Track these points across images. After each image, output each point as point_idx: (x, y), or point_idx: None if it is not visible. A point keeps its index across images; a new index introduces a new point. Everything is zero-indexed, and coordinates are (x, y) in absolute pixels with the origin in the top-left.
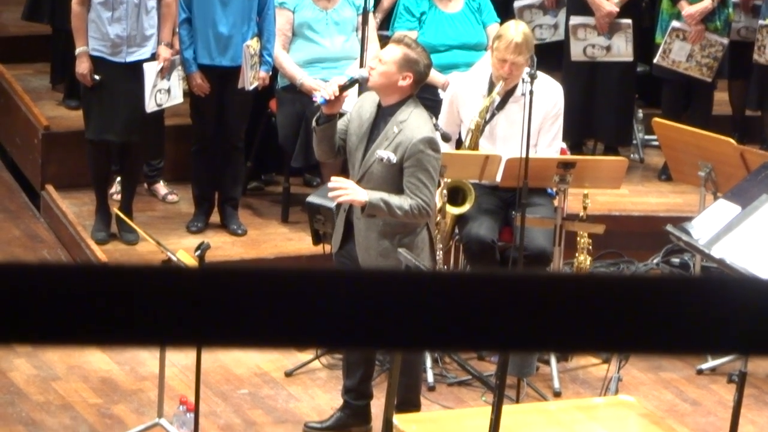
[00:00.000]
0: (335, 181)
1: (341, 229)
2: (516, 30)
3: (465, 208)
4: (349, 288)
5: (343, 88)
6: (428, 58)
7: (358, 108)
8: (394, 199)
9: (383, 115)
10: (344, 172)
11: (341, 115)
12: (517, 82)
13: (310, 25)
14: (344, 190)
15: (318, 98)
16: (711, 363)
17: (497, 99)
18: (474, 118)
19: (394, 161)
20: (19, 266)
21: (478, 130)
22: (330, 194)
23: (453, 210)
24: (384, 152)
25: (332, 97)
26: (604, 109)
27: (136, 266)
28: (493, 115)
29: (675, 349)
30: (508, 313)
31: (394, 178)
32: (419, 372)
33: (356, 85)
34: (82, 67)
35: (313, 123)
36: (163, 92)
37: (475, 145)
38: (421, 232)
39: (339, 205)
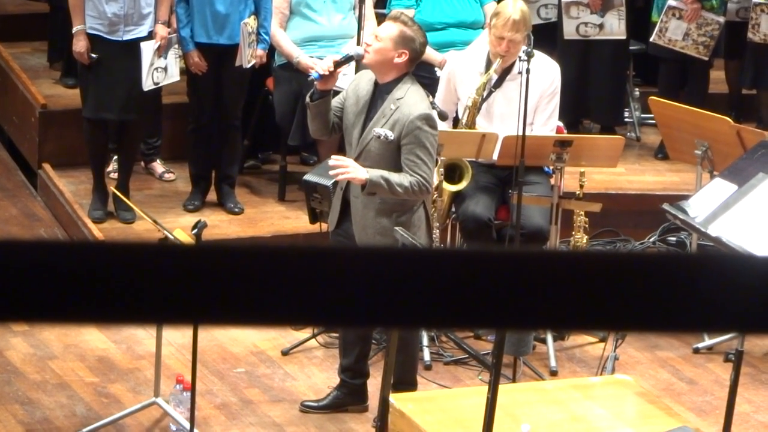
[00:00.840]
0: (335, 159)
1: (338, 208)
2: (514, 7)
3: (462, 186)
4: (345, 266)
5: (337, 65)
6: (424, 35)
7: (355, 86)
8: (394, 177)
9: (380, 92)
10: (341, 150)
11: (336, 92)
12: (514, 59)
13: (307, 3)
14: (344, 168)
15: (312, 74)
16: (707, 342)
17: (494, 77)
18: (471, 95)
19: (392, 138)
20: (15, 244)
21: (475, 108)
22: (330, 172)
23: (450, 187)
24: (381, 130)
25: (326, 73)
26: (597, 88)
27: (132, 243)
28: (490, 93)
29: (671, 327)
30: (504, 291)
31: (392, 155)
32: (416, 351)
33: (353, 62)
34: (80, 45)
35: (307, 98)
36: (160, 70)
37: (472, 123)
38: (418, 210)
39: (336, 184)
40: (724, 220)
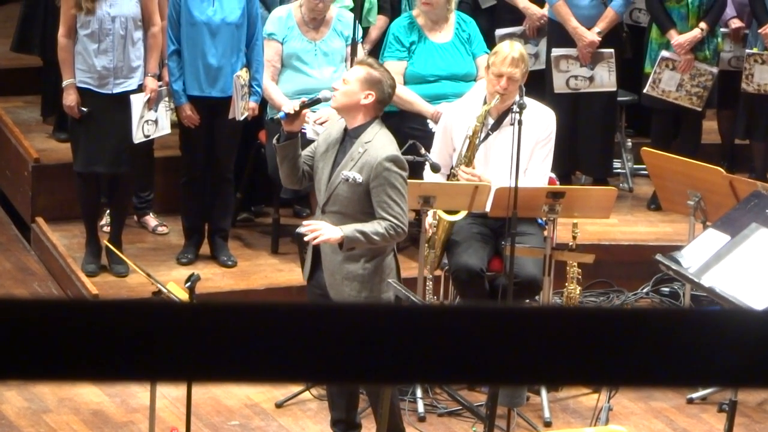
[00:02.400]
0: (307, 224)
1: (310, 259)
2: (512, 47)
3: (459, 216)
4: (338, 322)
5: (304, 105)
6: (392, 78)
7: (326, 135)
8: (368, 227)
9: (349, 137)
10: None
11: (310, 142)
12: (512, 100)
13: (298, 56)
14: (318, 230)
15: (279, 113)
16: (701, 392)
17: (491, 121)
18: (471, 125)
19: (360, 181)
20: (10, 302)
21: (476, 136)
22: (305, 238)
23: (447, 218)
24: (350, 173)
25: (292, 112)
26: (587, 140)
27: (126, 301)
28: (487, 136)
29: (665, 381)
30: (498, 347)
31: (359, 199)
32: (396, 398)
33: (319, 104)
34: (69, 99)
35: (274, 140)
36: (151, 123)
37: (472, 155)
38: (387, 257)
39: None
40: (717, 271)
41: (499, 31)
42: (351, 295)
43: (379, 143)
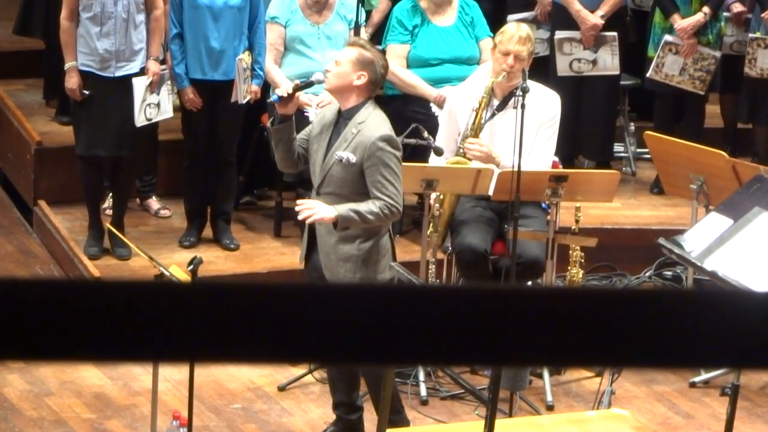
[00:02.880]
0: (300, 203)
1: (306, 241)
2: (518, 26)
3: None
4: (341, 303)
5: (297, 88)
6: (384, 59)
7: (320, 117)
8: (362, 206)
9: (342, 119)
10: None
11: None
12: (517, 81)
13: (301, 39)
14: (311, 209)
15: (272, 96)
16: (704, 376)
17: (496, 102)
18: (478, 96)
19: (354, 161)
20: (12, 282)
21: (482, 108)
22: (299, 217)
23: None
24: (343, 153)
25: (285, 95)
26: (589, 124)
27: (129, 282)
28: (493, 115)
29: (667, 363)
30: (501, 328)
31: (353, 179)
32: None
33: (312, 86)
34: (71, 82)
35: (268, 123)
36: (153, 106)
37: (478, 128)
38: (382, 238)
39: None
40: (719, 255)
41: (511, 17)
42: (346, 276)
43: (373, 123)
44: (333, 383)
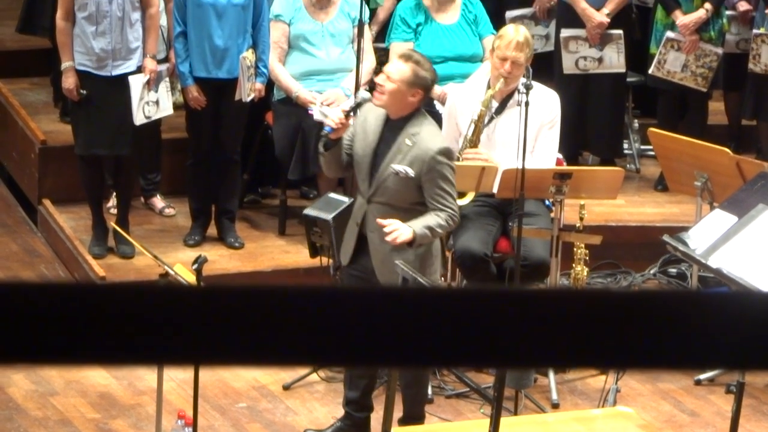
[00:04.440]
0: (387, 225)
1: (353, 243)
2: (517, 30)
3: (466, 201)
4: (346, 305)
5: (347, 114)
6: (434, 72)
7: (362, 122)
8: (431, 221)
9: (391, 128)
10: (340, 185)
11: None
12: (516, 84)
13: (306, 37)
14: (397, 231)
15: (325, 128)
16: (709, 373)
17: (495, 104)
18: (476, 110)
19: (412, 175)
20: (17, 285)
21: (481, 121)
22: (387, 238)
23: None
24: (400, 166)
25: (339, 126)
26: (597, 121)
27: (134, 284)
28: (491, 119)
29: (673, 364)
30: (506, 330)
31: (409, 190)
32: (426, 386)
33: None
34: (69, 82)
35: (320, 148)
36: (151, 104)
37: (477, 139)
38: (435, 242)
39: (337, 219)
40: (724, 252)
41: (510, 13)
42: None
43: (428, 135)
44: (351, 380)
